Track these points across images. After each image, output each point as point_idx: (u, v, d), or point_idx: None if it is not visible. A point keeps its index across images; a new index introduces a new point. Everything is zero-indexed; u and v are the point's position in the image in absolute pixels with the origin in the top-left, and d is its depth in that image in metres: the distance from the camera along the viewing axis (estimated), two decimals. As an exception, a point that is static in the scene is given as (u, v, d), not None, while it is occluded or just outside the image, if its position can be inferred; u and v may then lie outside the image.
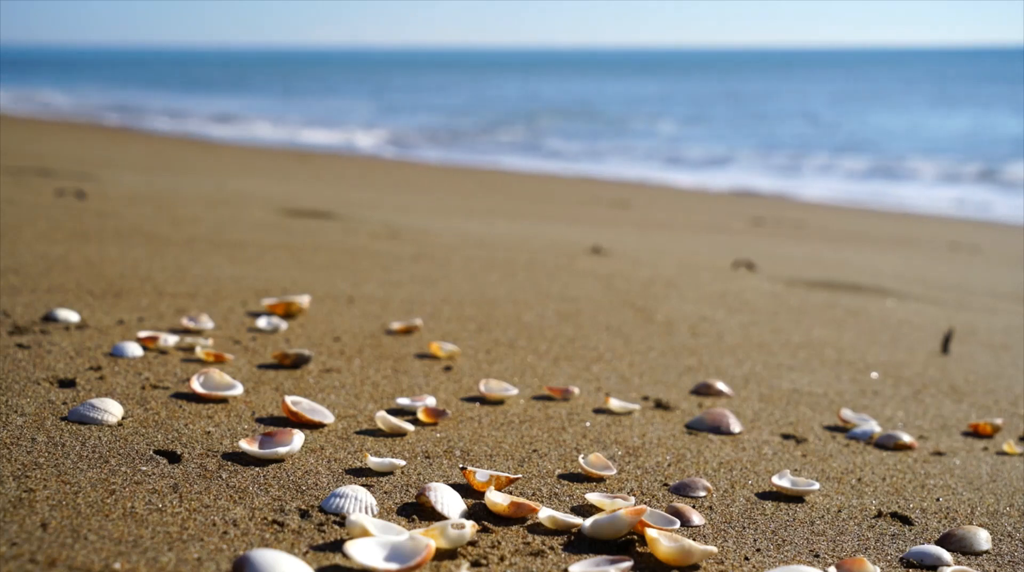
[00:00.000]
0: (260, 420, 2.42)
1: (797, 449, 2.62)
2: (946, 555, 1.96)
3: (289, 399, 2.43)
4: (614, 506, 2.02)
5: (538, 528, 1.93)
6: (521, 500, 1.96)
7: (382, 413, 2.43)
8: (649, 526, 1.90)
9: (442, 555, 1.77)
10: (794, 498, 2.25)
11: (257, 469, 2.09)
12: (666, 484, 2.27)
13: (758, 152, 20.32)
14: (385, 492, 2.05)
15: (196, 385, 2.51)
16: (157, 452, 2.14)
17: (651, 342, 3.66)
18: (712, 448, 2.55)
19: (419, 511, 1.96)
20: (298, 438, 2.20)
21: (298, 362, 2.91)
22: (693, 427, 2.71)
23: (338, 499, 1.92)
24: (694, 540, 1.95)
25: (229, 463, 2.11)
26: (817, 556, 1.96)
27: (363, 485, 2.06)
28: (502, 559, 1.78)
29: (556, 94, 42.87)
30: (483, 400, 2.78)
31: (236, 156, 14.25)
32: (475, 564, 1.76)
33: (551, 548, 1.85)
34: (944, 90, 44.20)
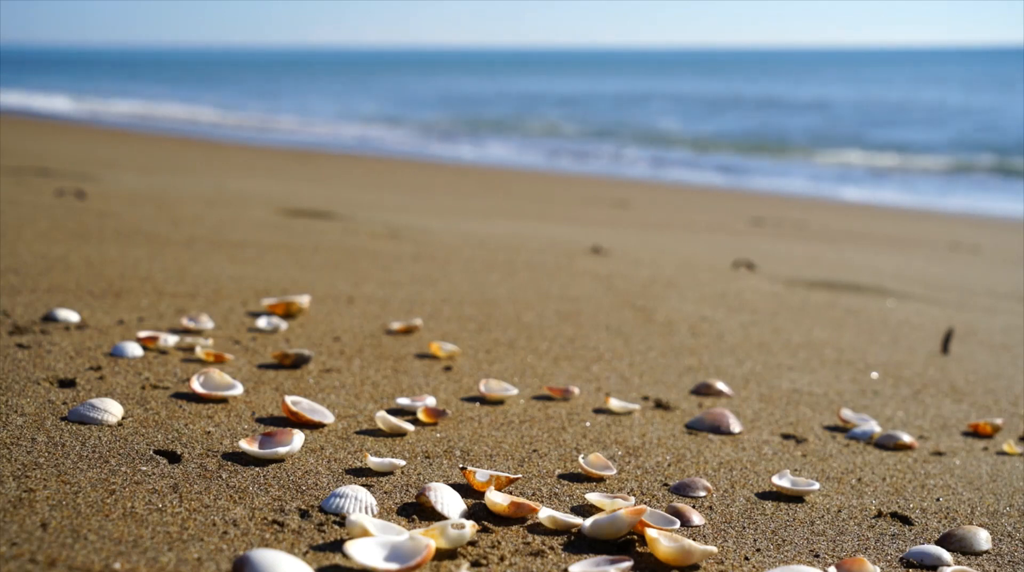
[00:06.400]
0: (260, 420, 2.42)
1: (797, 449, 2.62)
2: (946, 555, 1.96)
3: (289, 399, 2.43)
4: (614, 506, 2.02)
5: (538, 528, 1.93)
6: (521, 500, 1.96)
7: (382, 413, 2.43)
8: (649, 526, 1.90)
9: (442, 555, 1.77)
10: (794, 498, 2.25)
11: (257, 469, 2.09)
12: (666, 484, 2.27)
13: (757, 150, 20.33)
14: (385, 492, 2.05)
15: (196, 385, 2.51)
16: (157, 452, 2.14)
17: (651, 342, 3.66)
18: (712, 448, 2.55)
19: (419, 511, 1.96)
20: (298, 438, 2.20)
21: (298, 362, 2.91)
22: (693, 427, 2.71)
23: (338, 499, 1.92)
24: (694, 540, 1.95)
25: (229, 463, 2.11)
26: (817, 556, 1.96)
27: (363, 485, 2.06)
28: (502, 559, 1.79)
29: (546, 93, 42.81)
30: (483, 400, 2.78)
31: (236, 156, 14.24)
32: (475, 564, 1.76)
33: (551, 548, 1.85)
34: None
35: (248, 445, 2.16)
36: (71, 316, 3.18)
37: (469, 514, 1.97)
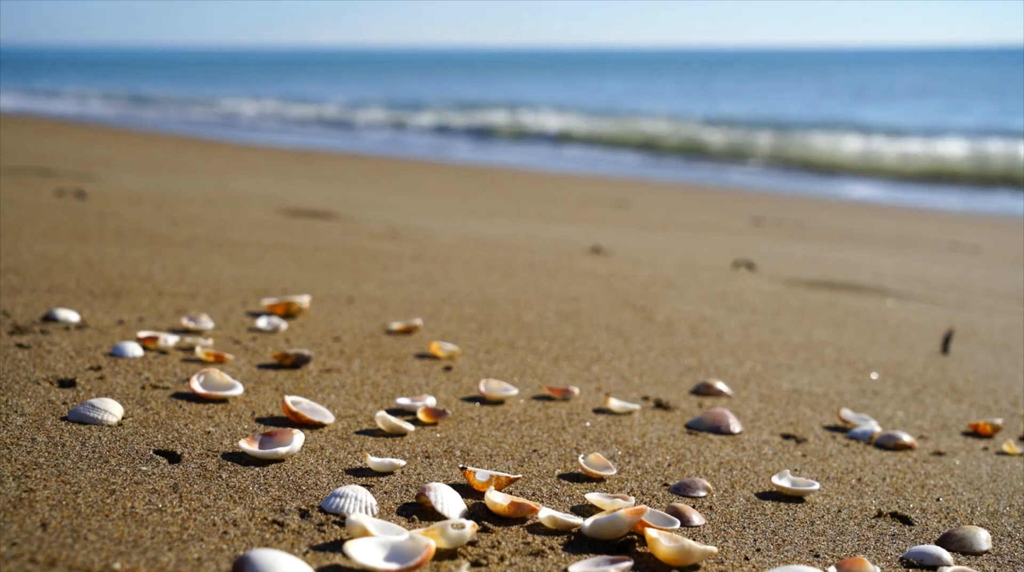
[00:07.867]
0: (260, 420, 2.42)
1: (797, 449, 2.62)
2: (946, 555, 1.96)
3: (289, 399, 2.43)
4: (614, 506, 2.02)
5: (538, 528, 1.93)
6: (521, 500, 1.97)
7: (382, 413, 2.43)
8: (649, 526, 1.90)
9: (442, 555, 1.77)
10: (794, 498, 2.25)
11: (257, 469, 2.09)
12: (666, 484, 2.27)
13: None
14: (385, 492, 2.05)
15: (196, 385, 2.51)
16: (157, 452, 2.14)
17: (651, 342, 3.66)
18: (712, 448, 2.55)
19: (419, 511, 1.96)
20: (298, 438, 2.20)
21: (298, 362, 2.91)
22: (693, 427, 2.71)
23: (338, 499, 1.92)
24: (694, 540, 1.95)
25: (229, 463, 2.11)
26: (817, 556, 1.96)
27: (363, 485, 2.06)
28: (502, 559, 1.79)
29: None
30: (483, 400, 2.78)
31: (236, 156, 14.25)
32: (475, 564, 1.76)
33: (551, 548, 1.85)
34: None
35: (248, 445, 2.16)
36: (71, 316, 3.18)
37: (469, 514, 1.97)
